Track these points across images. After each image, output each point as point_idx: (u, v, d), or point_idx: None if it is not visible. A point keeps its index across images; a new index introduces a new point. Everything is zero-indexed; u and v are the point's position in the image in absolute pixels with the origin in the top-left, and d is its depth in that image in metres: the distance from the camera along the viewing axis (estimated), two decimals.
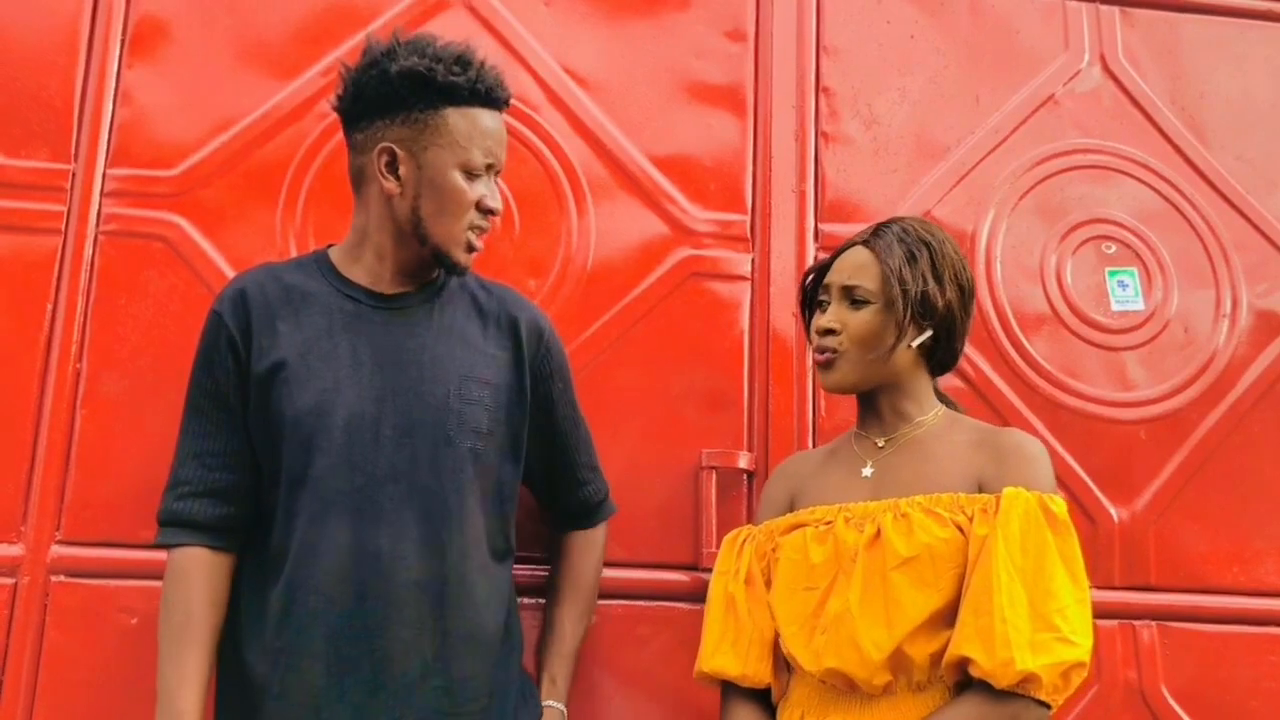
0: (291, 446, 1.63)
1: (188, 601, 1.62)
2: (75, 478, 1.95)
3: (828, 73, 2.34)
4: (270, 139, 2.13)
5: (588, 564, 1.93)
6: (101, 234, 2.05)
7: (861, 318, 1.65)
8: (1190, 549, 2.20)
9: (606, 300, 2.15)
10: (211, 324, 1.71)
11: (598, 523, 1.95)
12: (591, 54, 2.27)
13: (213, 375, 1.69)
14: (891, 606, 1.52)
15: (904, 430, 1.68)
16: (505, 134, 1.71)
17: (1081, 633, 1.46)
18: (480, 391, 1.70)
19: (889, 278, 1.63)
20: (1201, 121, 2.43)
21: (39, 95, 2.08)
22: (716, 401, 2.14)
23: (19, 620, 1.89)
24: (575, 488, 1.91)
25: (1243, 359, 2.31)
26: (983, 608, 1.45)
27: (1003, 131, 2.36)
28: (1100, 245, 2.33)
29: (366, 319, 1.70)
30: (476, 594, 1.66)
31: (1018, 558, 1.47)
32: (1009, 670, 1.41)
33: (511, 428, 1.75)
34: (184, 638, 1.60)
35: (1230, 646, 2.15)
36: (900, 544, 1.54)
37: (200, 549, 1.65)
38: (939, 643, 1.50)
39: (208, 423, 1.69)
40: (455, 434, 1.66)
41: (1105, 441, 2.22)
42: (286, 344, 1.67)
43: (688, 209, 2.23)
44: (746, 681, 1.67)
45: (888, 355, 1.64)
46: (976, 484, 1.58)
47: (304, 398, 1.64)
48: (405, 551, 1.61)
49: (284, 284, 1.72)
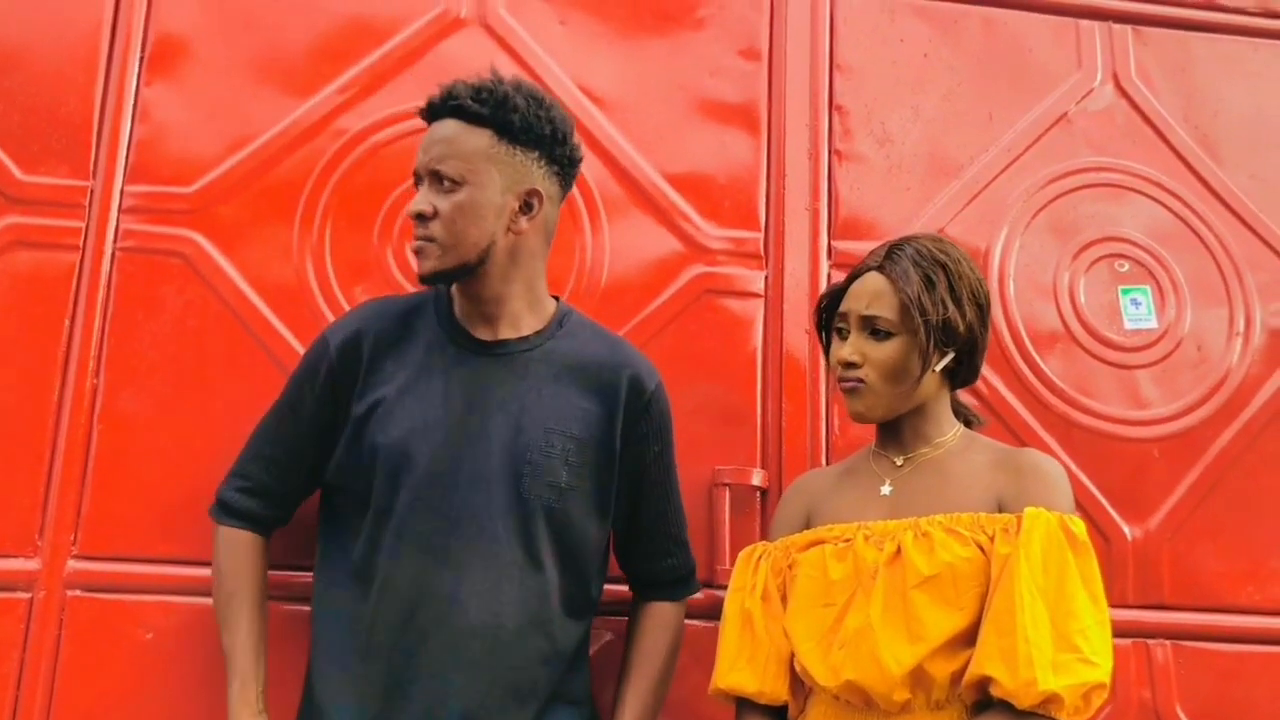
0: (379, 479, 1.68)
1: (238, 571, 1.75)
2: (92, 493, 1.96)
3: (841, 91, 2.35)
4: (287, 156, 2.14)
5: (659, 645, 1.83)
6: (119, 250, 2.06)
7: (885, 351, 1.63)
8: (1204, 567, 2.19)
9: (620, 317, 2.15)
10: (318, 352, 1.77)
11: (675, 599, 1.87)
12: (606, 72, 2.29)
13: (303, 395, 1.77)
14: (914, 624, 1.51)
15: (923, 450, 1.68)
16: (446, 137, 1.68)
17: (1103, 654, 1.46)
18: (564, 445, 1.70)
19: (909, 307, 1.62)
20: (1214, 139, 2.43)
21: (58, 112, 2.10)
22: (730, 418, 2.14)
23: (35, 635, 1.90)
24: (656, 558, 1.86)
25: (1256, 378, 2.31)
26: (1006, 627, 1.44)
27: (1016, 150, 2.37)
28: (1113, 263, 2.33)
29: (466, 363, 1.73)
30: (529, 647, 1.66)
31: (1040, 578, 1.47)
32: (1031, 690, 1.41)
33: (598, 484, 1.75)
34: (238, 600, 1.73)
35: (1245, 665, 2.15)
36: (921, 562, 1.53)
37: (249, 532, 1.78)
38: (959, 661, 1.50)
39: (283, 431, 1.78)
40: (529, 485, 1.67)
41: (1119, 460, 2.22)
42: (389, 381, 1.72)
43: (701, 226, 2.23)
44: (763, 698, 1.66)
45: (915, 385, 1.64)
46: (996, 504, 1.58)
47: (394, 433, 1.68)
48: (465, 597, 1.63)
49: (396, 321, 1.77)
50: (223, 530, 1.78)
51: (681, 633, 1.87)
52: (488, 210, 1.67)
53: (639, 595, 1.88)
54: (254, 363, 2.04)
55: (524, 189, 1.70)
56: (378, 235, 2.12)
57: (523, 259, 1.74)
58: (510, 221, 1.69)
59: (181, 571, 1.94)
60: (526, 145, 1.70)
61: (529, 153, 1.70)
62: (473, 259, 1.68)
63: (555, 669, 1.70)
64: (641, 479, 1.81)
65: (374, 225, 2.13)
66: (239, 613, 1.72)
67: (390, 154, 2.16)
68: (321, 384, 1.74)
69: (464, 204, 1.66)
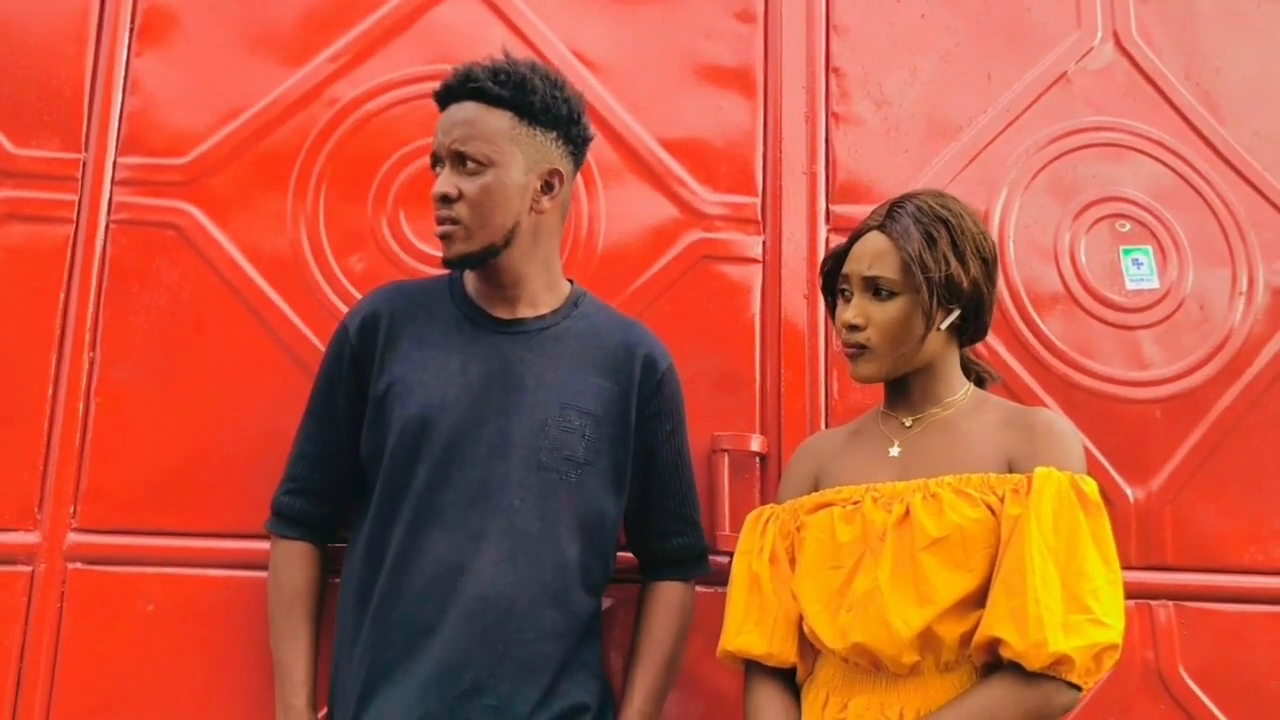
0: (396, 455, 1.69)
1: (294, 582, 1.77)
2: (90, 465, 1.96)
3: (838, 53, 2.32)
4: (280, 126, 2.13)
5: (667, 628, 1.83)
6: (113, 223, 2.06)
7: (887, 311, 1.61)
8: (1207, 528, 2.18)
9: (618, 284, 2.14)
10: (339, 339, 1.80)
11: (684, 578, 1.87)
12: (600, 37, 2.26)
13: (332, 386, 1.79)
14: (922, 585, 1.50)
15: (932, 410, 1.66)
16: (468, 119, 1.68)
17: (1114, 615, 1.44)
18: (580, 421, 1.72)
19: (910, 265, 1.59)
20: (1217, 97, 2.40)
21: (49, 85, 2.09)
22: (728, 384, 2.14)
23: (37, 608, 1.90)
24: (666, 537, 1.86)
25: (1259, 337, 2.29)
26: (1016, 588, 1.43)
27: (1015, 110, 2.34)
28: (1114, 224, 2.31)
29: (484, 340, 1.74)
30: (544, 621, 1.67)
31: (1050, 538, 1.45)
32: (1041, 652, 1.39)
33: (614, 460, 1.76)
34: (293, 613, 1.76)
35: (1248, 626, 2.14)
36: (930, 524, 1.52)
37: (303, 543, 1.80)
38: (969, 623, 1.48)
39: (319, 428, 1.80)
40: (547, 460, 1.68)
41: (1120, 421, 2.21)
42: (406, 359, 1.73)
43: (698, 192, 2.22)
44: (771, 660, 1.64)
45: (919, 345, 1.62)
46: (1006, 464, 1.56)
47: (411, 409, 1.69)
48: (481, 568, 1.64)
49: (412, 301, 1.78)
50: (280, 544, 1.81)
51: (691, 614, 1.87)
52: (513, 191, 1.69)
53: (649, 574, 1.88)
54: (249, 334, 2.03)
55: (545, 169, 1.72)
56: (372, 204, 2.11)
57: (542, 238, 1.77)
58: (533, 201, 1.72)
59: (182, 543, 1.95)
60: (545, 125, 1.72)
61: (548, 133, 1.72)
62: (499, 240, 1.70)
63: (568, 642, 1.70)
64: (653, 458, 1.82)
65: (368, 194, 2.11)
66: (297, 626, 1.76)
67: (383, 122, 2.15)
68: (347, 369, 1.77)
69: (490, 185, 1.67)
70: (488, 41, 2.17)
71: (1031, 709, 1.43)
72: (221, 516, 1.95)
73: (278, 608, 1.77)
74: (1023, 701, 1.43)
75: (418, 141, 2.13)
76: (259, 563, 1.89)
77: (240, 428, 1.98)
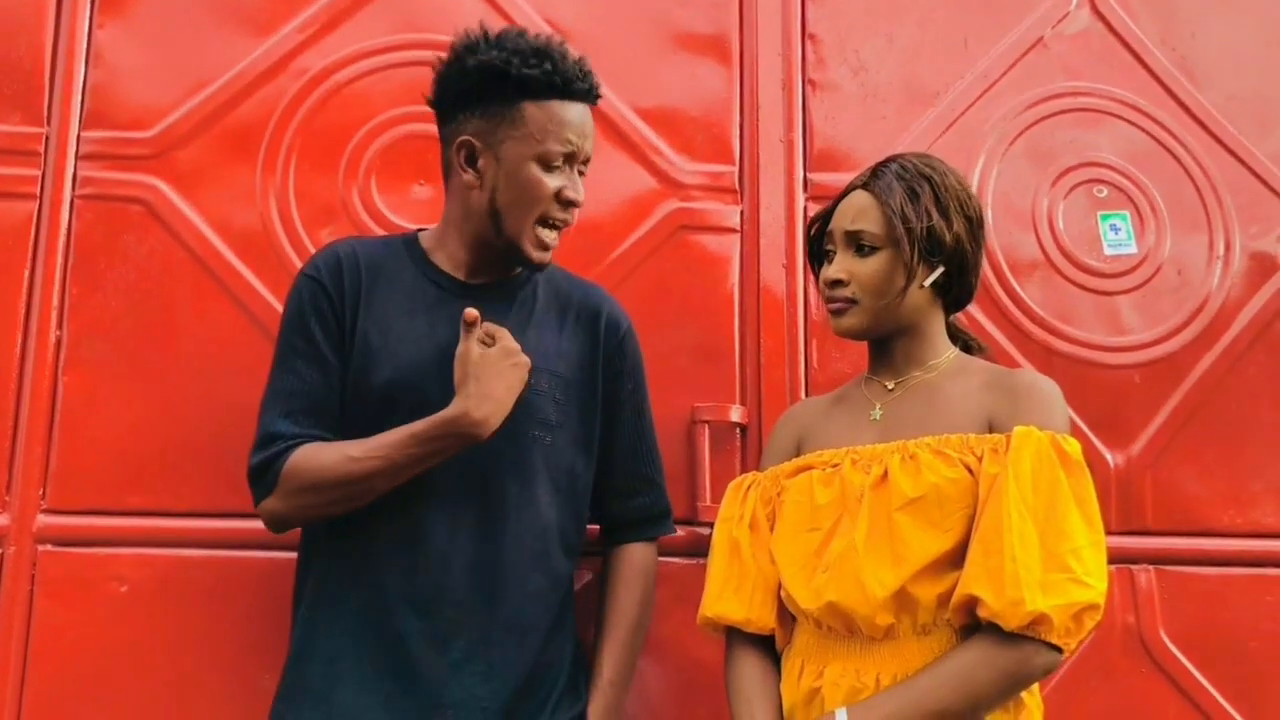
0: (367, 422, 1.63)
1: (326, 448, 1.60)
2: (59, 446, 1.93)
3: (814, 19, 2.30)
4: (248, 97, 2.09)
5: (633, 594, 1.81)
6: (78, 198, 2.02)
7: (869, 265, 1.61)
8: (1187, 492, 2.18)
9: (595, 255, 2.12)
10: (306, 287, 1.69)
11: (645, 539, 1.85)
12: (573, 5, 2.23)
13: (309, 337, 1.66)
14: (898, 545, 1.48)
15: (915, 373, 1.65)
16: (589, 124, 1.68)
17: (1096, 575, 1.42)
18: (549, 383, 1.70)
19: (892, 218, 1.59)
20: (1192, 62, 2.39)
21: (8, 58, 2.04)
22: (708, 355, 2.12)
23: (7, 590, 1.87)
24: (626, 496, 1.84)
25: (1237, 301, 2.29)
26: (992, 547, 1.41)
27: (991, 76, 2.33)
28: (1092, 189, 2.31)
29: (447, 305, 1.70)
30: (529, 585, 1.66)
31: (1029, 497, 1.43)
32: (1018, 611, 1.38)
33: (584, 421, 1.76)
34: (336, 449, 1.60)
35: (1228, 588, 2.15)
36: (907, 484, 1.50)
37: (314, 441, 1.62)
38: (946, 584, 1.47)
39: (306, 363, 1.65)
40: (520, 423, 1.65)
41: (1099, 386, 2.20)
42: (371, 319, 1.68)
43: (675, 161, 2.20)
44: (750, 627, 1.63)
45: (900, 298, 1.61)
46: (987, 425, 1.54)
47: (380, 375, 1.65)
48: (460, 536, 1.63)
49: (373, 259, 1.72)
50: (290, 458, 1.59)
51: (654, 576, 1.85)
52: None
53: (611, 538, 1.86)
54: (219, 309, 2.00)
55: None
56: (343, 176, 2.08)
57: None
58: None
59: (154, 523, 1.92)
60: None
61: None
62: None
63: (553, 604, 1.70)
64: (614, 417, 1.81)
65: (339, 166, 2.08)
66: None
67: (353, 92, 2.12)
68: (325, 313, 1.66)
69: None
70: (460, 11, 2.14)
71: (1010, 669, 1.41)
72: (194, 495, 1.93)
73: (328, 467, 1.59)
74: (1000, 662, 1.41)
75: (389, 112, 2.10)
76: (234, 541, 1.87)
77: (211, 405, 1.95)
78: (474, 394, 1.55)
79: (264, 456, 1.62)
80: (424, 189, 2.09)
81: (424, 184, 2.08)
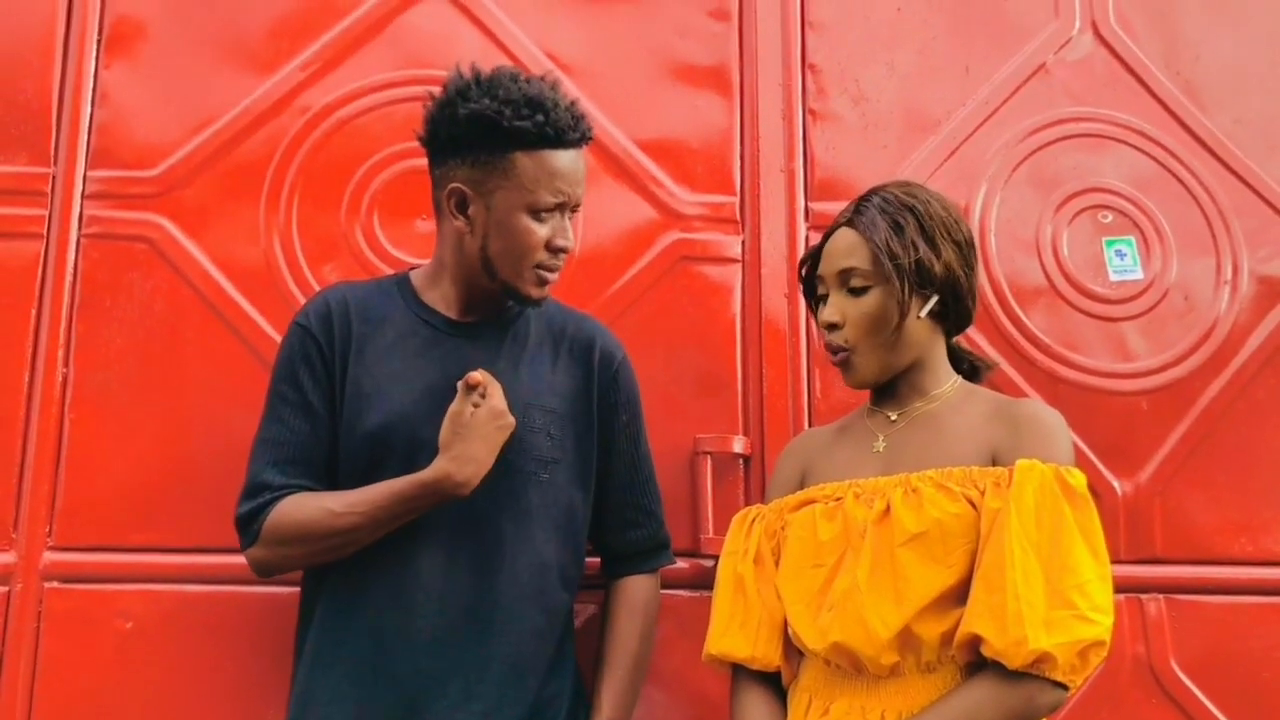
0: (362, 464, 1.64)
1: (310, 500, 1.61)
2: (66, 482, 1.94)
3: (814, 49, 2.30)
4: (251, 135, 2.11)
5: (634, 629, 1.80)
6: (84, 237, 2.04)
7: (863, 305, 1.60)
8: (1196, 520, 2.16)
9: (596, 287, 2.12)
10: (296, 336, 1.71)
11: (644, 571, 1.84)
12: (573, 38, 2.24)
13: (298, 386, 1.68)
14: (900, 583, 1.47)
15: (917, 404, 1.64)
16: (580, 169, 1.68)
17: (1102, 610, 1.40)
18: (544, 419, 1.70)
19: (878, 254, 1.58)
20: (1197, 85, 2.38)
21: (16, 99, 2.07)
22: (710, 386, 2.12)
23: (13, 628, 1.89)
24: (625, 528, 1.83)
25: (1245, 326, 2.27)
26: (995, 584, 1.40)
27: (993, 103, 2.32)
28: (1096, 215, 2.29)
29: (439, 344, 1.71)
30: (526, 623, 1.66)
31: (1032, 532, 1.42)
32: (1022, 650, 1.36)
33: (580, 455, 1.75)
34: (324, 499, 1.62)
35: (1240, 617, 2.12)
36: (909, 519, 1.49)
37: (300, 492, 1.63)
38: (950, 622, 1.45)
39: (293, 412, 1.66)
40: (516, 460, 1.65)
41: (1106, 414, 2.19)
42: (362, 365, 1.68)
43: (676, 192, 2.20)
44: (756, 664, 1.62)
45: (897, 335, 1.59)
46: (990, 457, 1.52)
47: (373, 418, 1.65)
48: (457, 576, 1.63)
49: (363, 304, 1.74)
50: (277, 507, 1.61)
51: (656, 609, 1.84)
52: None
53: (611, 571, 1.86)
54: (224, 346, 2.01)
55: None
56: (345, 213, 2.09)
57: None
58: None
59: (160, 559, 1.93)
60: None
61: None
62: None
63: (552, 640, 1.70)
64: (610, 449, 1.80)
65: (341, 203, 2.10)
66: None
67: (356, 129, 2.13)
68: (315, 364, 1.68)
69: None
70: (460, 46, 2.15)
71: (1014, 709, 1.39)
72: (199, 531, 1.93)
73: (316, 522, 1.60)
74: (1005, 702, 1.39)
75: (390, 147, 2.12)
76: (238, 577, 1.87)
77: (216, 441, 1.96)
78: (458, 455, 1.56)
79: (250, 507, 1.63)
80: (426, 224, 2.09)
81: (426, 219, 2.09)
